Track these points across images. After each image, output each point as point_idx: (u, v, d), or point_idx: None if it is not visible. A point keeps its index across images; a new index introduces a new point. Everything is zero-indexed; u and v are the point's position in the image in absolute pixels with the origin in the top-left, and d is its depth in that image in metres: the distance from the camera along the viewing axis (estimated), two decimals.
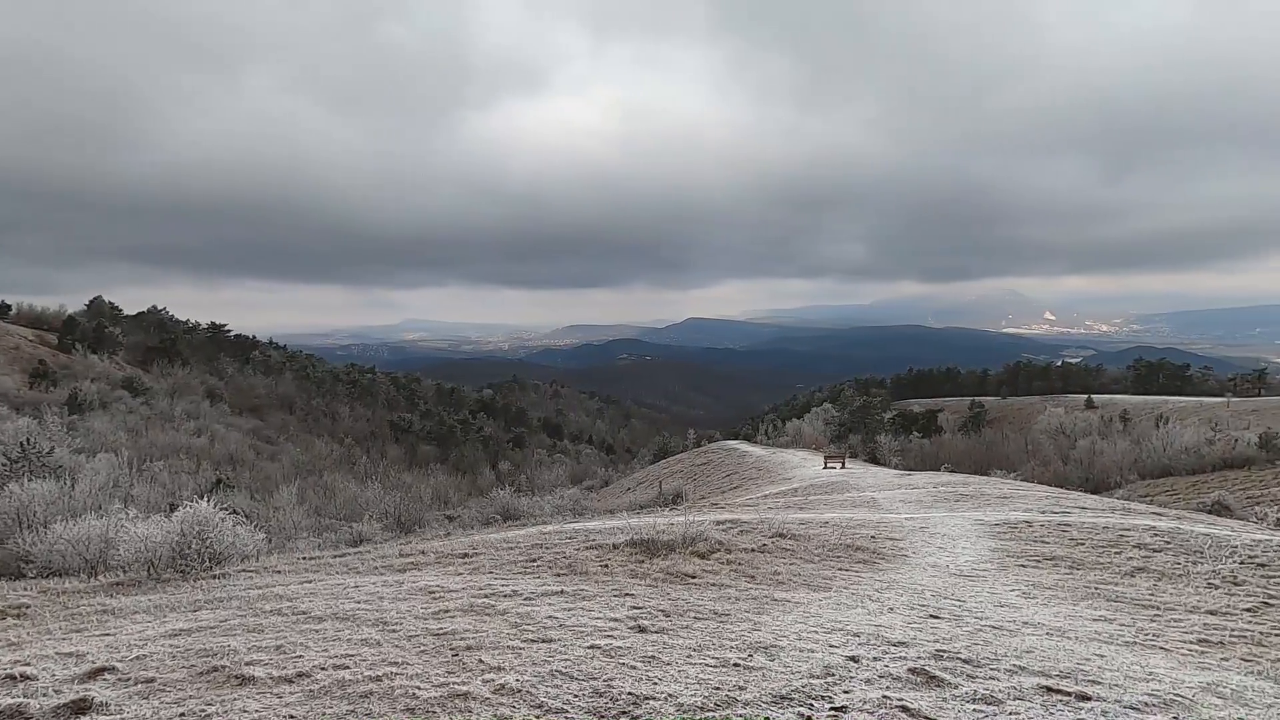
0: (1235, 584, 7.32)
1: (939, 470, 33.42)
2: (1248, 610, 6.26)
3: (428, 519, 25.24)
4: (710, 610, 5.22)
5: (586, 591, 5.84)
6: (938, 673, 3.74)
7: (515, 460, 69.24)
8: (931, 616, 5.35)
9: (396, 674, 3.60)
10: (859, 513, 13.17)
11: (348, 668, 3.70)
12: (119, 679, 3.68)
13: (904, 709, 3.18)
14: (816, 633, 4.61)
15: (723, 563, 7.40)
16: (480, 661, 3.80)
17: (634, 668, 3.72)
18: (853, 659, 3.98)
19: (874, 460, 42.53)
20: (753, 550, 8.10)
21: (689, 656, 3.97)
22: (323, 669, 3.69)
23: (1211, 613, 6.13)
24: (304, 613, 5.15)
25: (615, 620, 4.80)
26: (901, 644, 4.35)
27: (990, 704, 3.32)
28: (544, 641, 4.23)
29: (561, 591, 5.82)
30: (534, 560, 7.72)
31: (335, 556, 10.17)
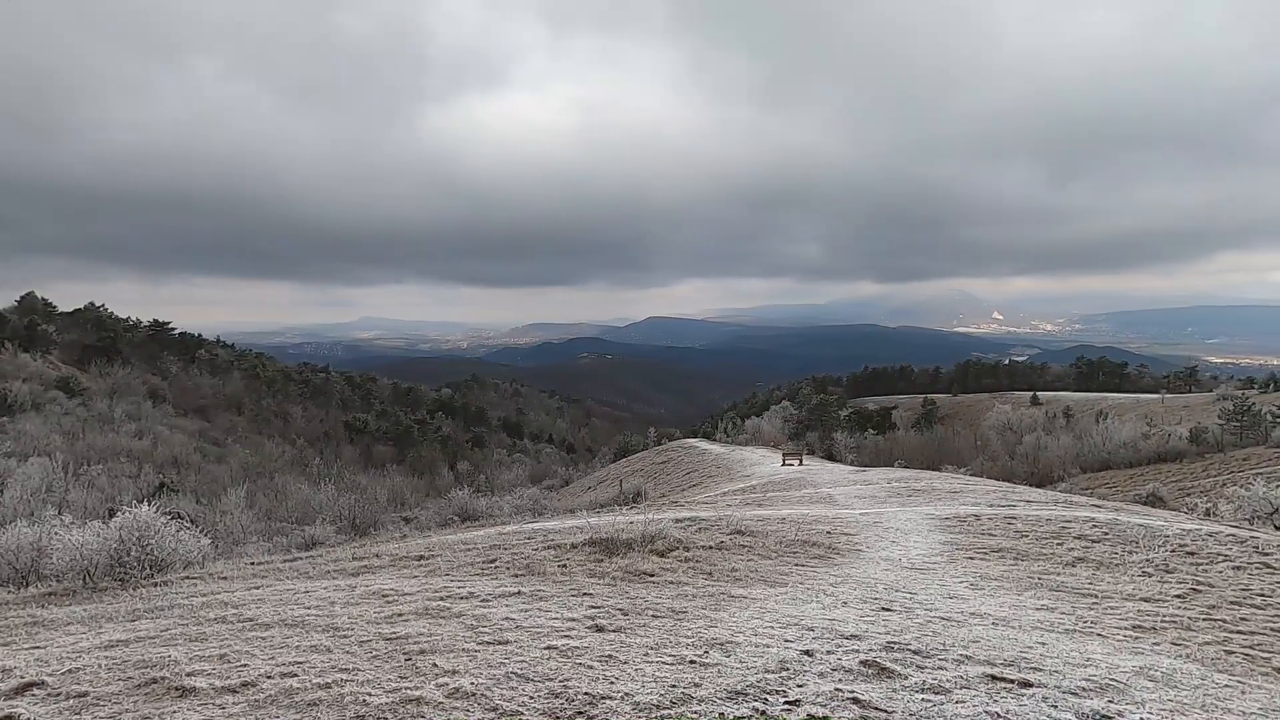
0: (1167, 572, 7.68)
1: (893, 466, 34.24)
2: (1178, 597, 6.57)
3: (384, 521, 24.75)
4: (668, 608, 5.24)
5: (544, 592, 5.81)
6: (888, 664, 3.83)
7: (474, 460, 68.42)
8: (884, 609, 5.47)
9: (347, 680, 3.51)
10: (815, 509, 13.40)
11: (295, 675, 3.60)
12: (48, 694, 3.51)
13: (855, 700, 3.24)
14: (772, 628, 4.67)
15: (681, 560, 7.43)
16: (434, 665, 3.74)
17: (591, 667, 3.71)
18: (807, 653, 4.04)
19: (831, 457, 43.33)
20: (711, 547, 8.17)
21: (646, 655, 3.98)
22: (269, 677, 3.58)
23: (1145, 600, 6.42)
24: (250, 620, 4.99)
25: (573, 620, 4.78)
26: (854, 637, 4.44)
27: (938, 693, 3.41)
28: (500, 643, 4.19)
29: (519, 592, 5.77)
30: (492, 561, 7.63)
31: (285, 561, 9.90)
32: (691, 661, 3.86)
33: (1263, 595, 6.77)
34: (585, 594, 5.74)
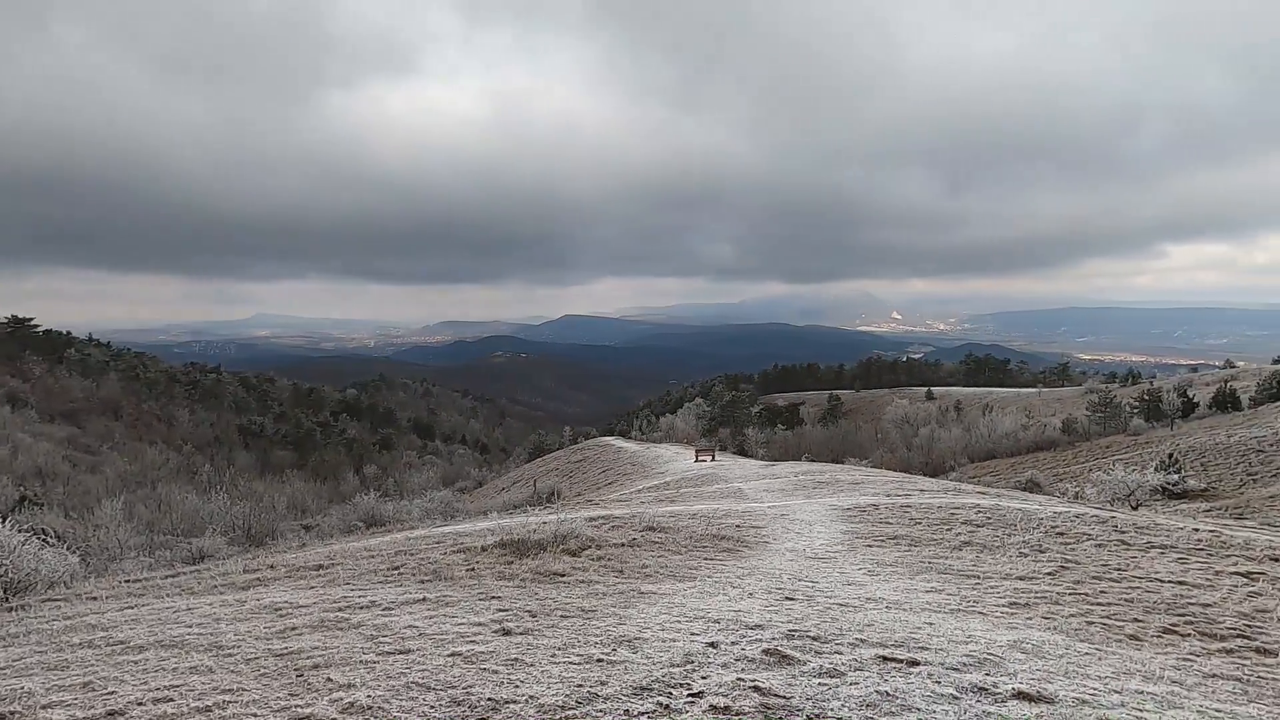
0: (1040, 552, 8.35)
1: (800, 460, 35.59)
2: (1049, 574, 7.16)
3: (282, 530, 23.41)
4: (578, 607, 5.22)
5: (451, 597, 5.65)
6: (789, 651, 3.96)
7: (382, 463, 65.86)
8: (787, 598, 5.66)
9: (230, 702, 3.29)
10: (726, 503, 13.72)
11: (171, 700, 3.34)
12: None
13: (756, 689, 3.33)
14: (680, 622, 4.74)
15: (593, 559, 7.43)
16: (328, 680, 3.57)
17: (495, 672, 3.65)
18: (712, 645, 4.12)
19: (742, 452, 44.53)
20: (623, 545, 8.20)
21: (553, 656, 3.95)
22: (140, 704, 3.31)
23: (1020, 578, 6.96)
24: (121, 642, 4.59)
25: (479, 625, 4.68)
26: (758, 627, 4.57)
27: (834, 676, 3.56)
28: (401, 653, 4.04)
29: (424, 599, 5.59)
30: (397, 568, 7.36)
31: (167, 577, 9.18)
32: (599, 660, 3.86)
33: (1119, 569, 7.48)
34: (494, 597, 5.63)
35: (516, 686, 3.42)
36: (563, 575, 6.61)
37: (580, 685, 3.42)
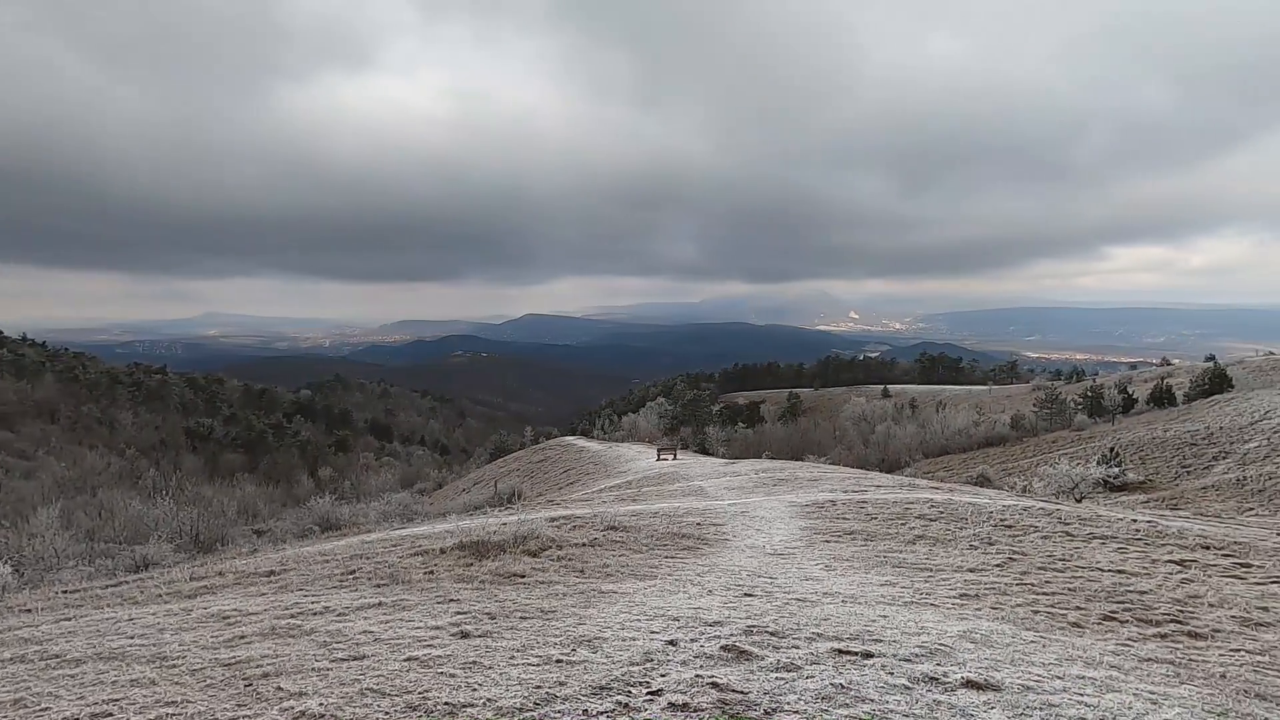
0: (989, 544, 8.62)
1: (761, 458, 36.00)
2: (997, 566, 7.40)
3: (233, 536, 22.68)
4: (538, 608, 5.19)
5: (408, 601, 5.56)
6: (747, 647, 4.01)
7: (338, 465, 64.37)
8: (746, 595, 5.73)
9: (173, 715, 3.18)
10: (687, 501, 13.80)
11: (110, 715, 3.21)
12: None
13: (714, 685, 3.36)
14: (640, 620, 4.75)
15: (554, 559, 7.39)
16: (278, 689, 3.47)
17: (453, 676, 3.60)
18: (671, 642, 4.15)
19: (704, 450, 44.84)
20: (584, 545, 8.18)
21: (512, 658, 3.91)
22: (76, 719, 3.17)
23: (971, 570, 7.16)
24: (57, 656, 4.39)
25: (437, 628, 4.62)
26: (717, 623, 4.61)
27: (790, 670, 3.61)
28: (356, 659, 3.96)
29: (380, 604, 5.49)
30: (352, 572, 7.21)
31: (108, 587, 8.82)
32: (558, 661, 3.85)
33: (1063, 560, 7.77)
34: (452, 600, 5.56)
35: (474, 689, 3.38)
36: (523, 576, 6.56)
37: (539, 686, 3.41)
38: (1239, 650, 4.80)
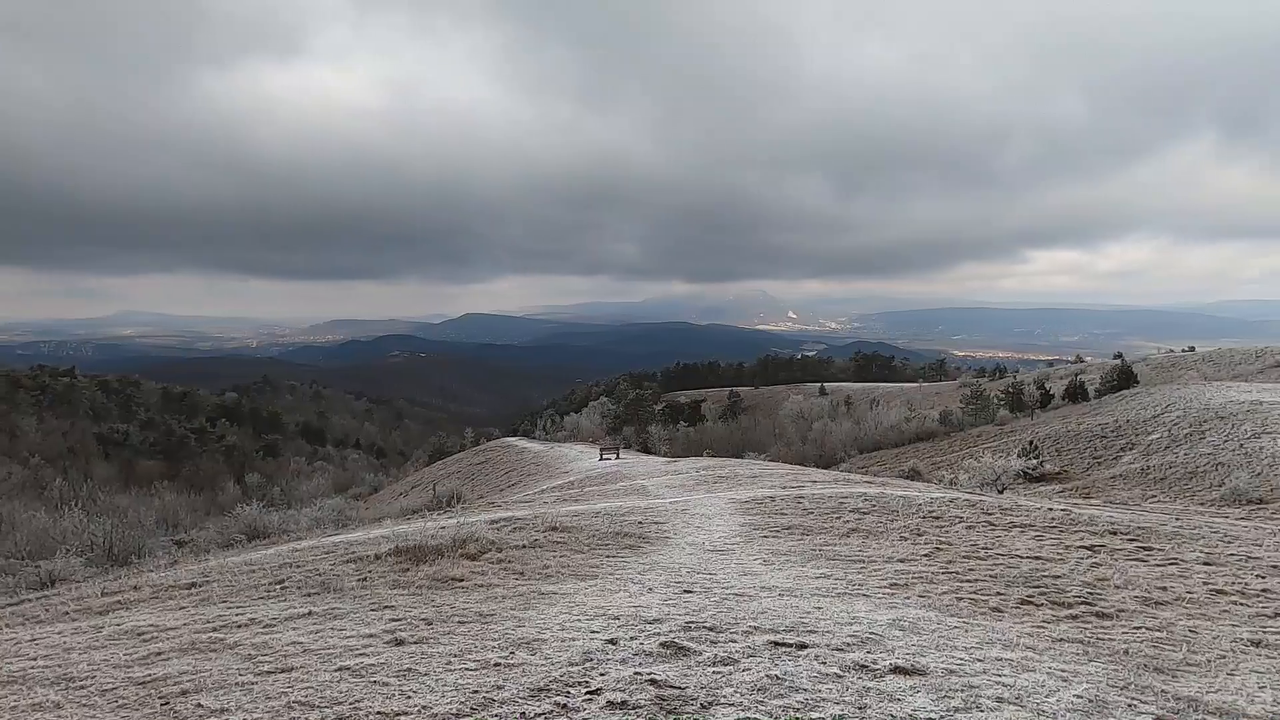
0: (918, 535, 8.97)
1: (702, 456, 36.42)
2: (925, 555, 7.71)
3: (151, 547, 21.43)
4: (476, 612, 5.11)
5: (340, 609, 5.39)
6: (686, 643, 4.06)
7: (267, 471, 61.69)
8: (686, 591, 5.79)
9: None
10: (629, 500, 13.85)
11: None
12: None
13: (652, 681, 3.39)
14: (580, 621, 4.74)
15: (493, 562, 7.29)
16: (198, 706, 3.31)
17: (386, 684, 3.51)
18: (611, 641, 4.15)
19: (646, 449, 45.06)
20: (525, 546, 8.11)
21: (449, 663, 3.84)
22: None
23: (901, 561, 7.44)
24: None
25: (370, 636, 4.49)
26: (657, 621, 4.64)
27: (728, 664, 3.68)
28: (283, 671, 3.81)
29: (310, 613, 5.30)
30: (280, 582, 6.93)
31: (8, 606, 8.22)
32: (496, 664, 3.80)
33: (985, 549, 8.16)
34: (387, 607, 5.42)
35: (408, 697, 3.31)
36: (461, 580, 6.45)
37: (476, 691, 3.36)
38: (1140, 628, 5.15)
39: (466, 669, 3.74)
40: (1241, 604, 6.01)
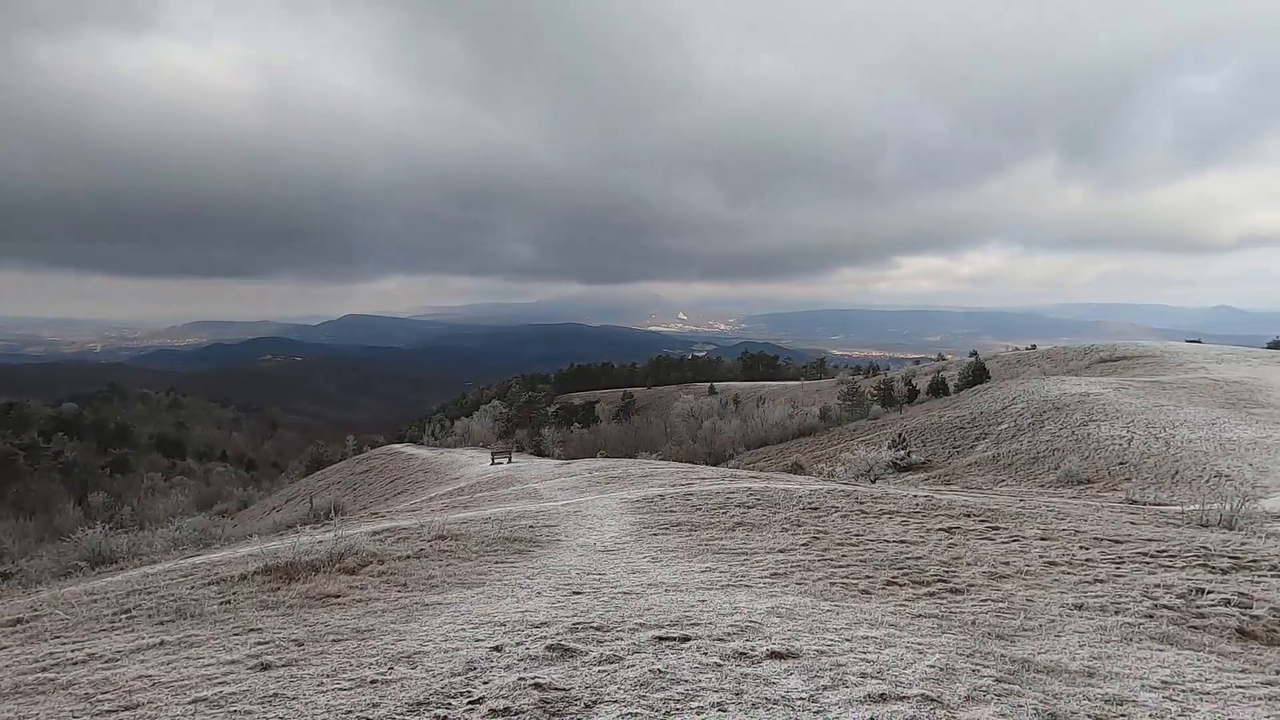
0: (798, 526, 9.44)
1: (596, 457, 36.52)
2: (803, 545, 8.13)
3: None
4: (352, 629, 4.87)
5: (198, 636, 4.96)
6: (572, 644, 4.06)
7: (115, 490, 55.70)
8: (575, 593, 5.79)
9: None
10: (520, 504, 13.66)
11: None
12: None
13: (536, 685, 3.37)
14: (465, 630, 4.63)
15: (374, 575, 6.97)
16: None
17: (249, 712, 3.28)
18: (496, 648, 4.09)
19: (539, 452, 44.59)
20: (409, 557, 7.80)
21: (320, 684, 3.64)
22: None
23: (781, 551, 7.81)
24: None
25: (232, 663, 4.17)
26: (544, 624, 4.62)
27: (613, 662, 3.72)
28: (127, 709, 3.46)
29: (162, 643, 4.84)
30: (127, 611, 6.28)
31: None
32: (373, 681, 3.64)
33: (858, 535, 8.72)
34: (253, 630, 5.05)
35: None
36: (338, 596, 6.12)
37: (349, 711, 3.20)
38: (986, 600, 5.70)
39: (340, 689, 3.56)
40: (1069, 573, 6.79)
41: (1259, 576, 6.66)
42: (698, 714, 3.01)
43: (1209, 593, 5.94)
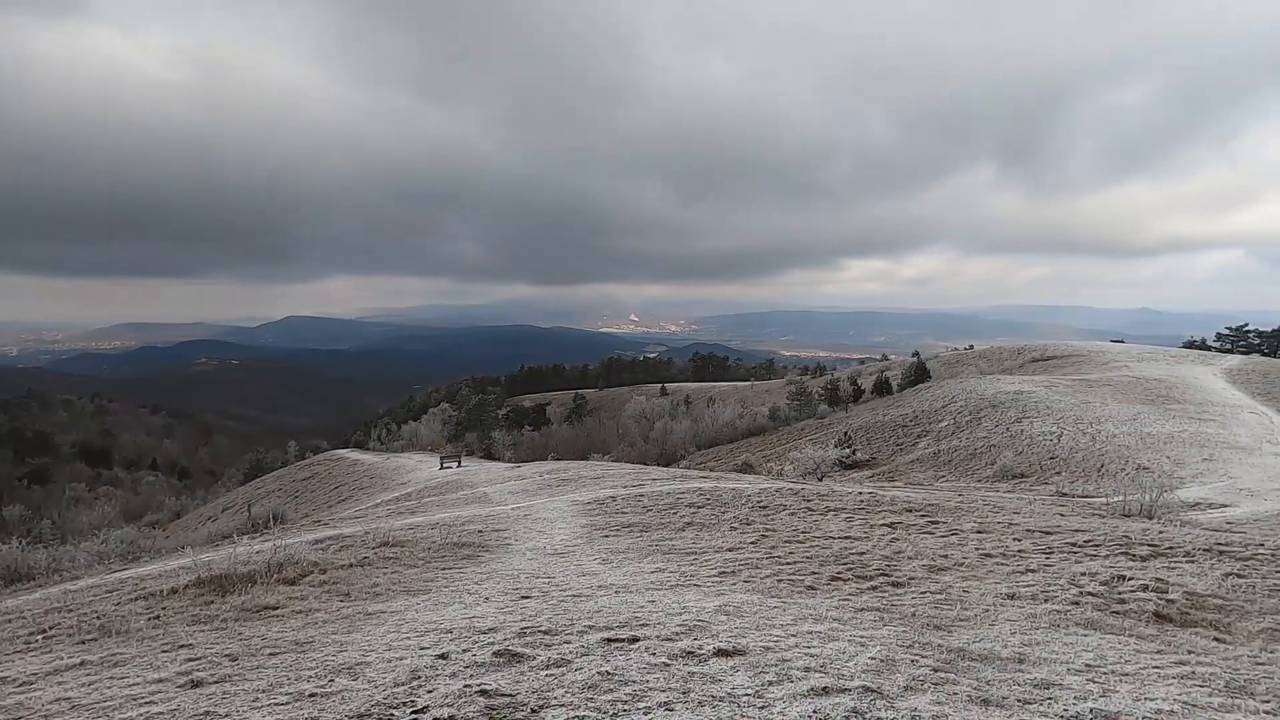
0: (747, 524, 9.57)
1: (547, 459, 36.23)
2: (752, 543, 8.24)
3: None
4: (291, 641, 4.71)
5: (123, 655, 4.72)
6: (520, 649, 4.02)
7: (34, 502, 52.47)
8: (523, 597, 5.73)
9: None
10: (469, 509, 13.45)
11: None
12: None
13: (483, 692, 3.32)
14: (409, 638, 4.53)
15: (315, 585, 6.75)
16: None
17: None
18: (442, 656, 4.01)
19: (490, 456, 43.98)
20: (352, 565, 7.59)
21: (255, 700, 3.51)
22: None
23: (730, 549, 7.90)
24: None
25: (160, 681, 3.98)
26: (491, 630, 4.55)
27: (560, 666, 3.69)
28: None
29: (83, 663, 4.59)
30: (45, 631, 5.94)
31: None
32: (312, 695, 3.53)
33: (804, 533, 8.89)
34: (183, 646, 4.83)
35: None
36: (276, 608, 5.90)
37: None
38: (926, 592, 5.89)
39: (277, 704, 3.43)
40: (1003, 564, 7.07)
41: (1174, 563, 7.07)
42: (645, 714, 3.01)
43: (1129, 579, 6.28)
